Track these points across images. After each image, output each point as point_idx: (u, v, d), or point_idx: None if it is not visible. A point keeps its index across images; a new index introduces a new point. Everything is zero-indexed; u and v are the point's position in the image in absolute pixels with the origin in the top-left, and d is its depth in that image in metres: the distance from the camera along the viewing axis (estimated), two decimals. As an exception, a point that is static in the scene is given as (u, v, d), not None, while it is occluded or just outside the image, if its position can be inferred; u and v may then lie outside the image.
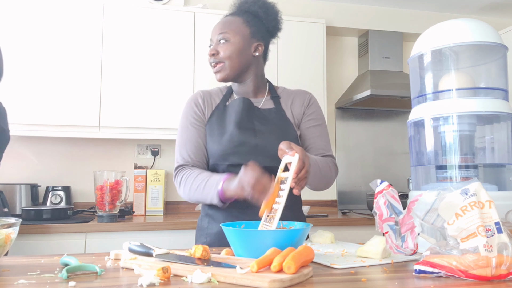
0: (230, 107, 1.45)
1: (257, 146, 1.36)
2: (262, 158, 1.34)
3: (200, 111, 1.46)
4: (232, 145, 1.36)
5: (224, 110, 1.45)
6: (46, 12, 2.66)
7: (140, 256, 0.95)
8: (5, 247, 0.94)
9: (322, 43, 3.08)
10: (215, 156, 1.39)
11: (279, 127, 1.42)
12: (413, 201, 0.95)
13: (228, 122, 1.41)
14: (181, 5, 3.08)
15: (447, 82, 1.31)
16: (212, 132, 1.42)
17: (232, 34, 1.41)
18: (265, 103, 1.47)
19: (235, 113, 1.41)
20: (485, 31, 1.28)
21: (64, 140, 2.96)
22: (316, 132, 1.47)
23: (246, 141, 1.37)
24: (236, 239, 0.98)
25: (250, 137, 1.37)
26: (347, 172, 3.43)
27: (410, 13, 3.54)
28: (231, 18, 1.45)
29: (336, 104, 3.44)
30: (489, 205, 0.87)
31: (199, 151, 1.42)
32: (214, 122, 1.43)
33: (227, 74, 1.42)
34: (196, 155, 1.42)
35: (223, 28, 1.43)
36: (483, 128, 1.34)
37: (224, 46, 1.41)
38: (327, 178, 1.40)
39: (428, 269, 0.86)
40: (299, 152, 1.09)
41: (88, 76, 2.68)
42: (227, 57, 1.41)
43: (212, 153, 1.40)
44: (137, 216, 2.73)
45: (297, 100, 1.50)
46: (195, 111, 1.46)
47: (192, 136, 1.43)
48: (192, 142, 1.42)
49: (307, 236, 1.30)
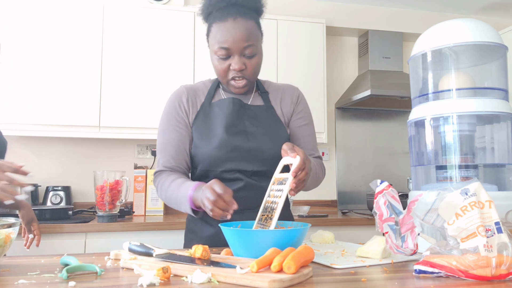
0: (217, 107, 1.38)
1: (250, 150, 1.33)
2: (255, 162, 1.32)
3: (183, 112, 1.38)
4: (223, 150, 1.31)
5: (210, 110, 1.38)
6: (46, 12, 2.66)
7: (140, 256, 0.95)
8: (5, 247, 0.94)
9: (322, 43, 3.08)
10: (206, 162, 1.33)
11: (270, 128, 1.38)
12: (413, 201, 0.95)
13: (216, 124, 1.35)
14: (181, 5, 3.08)
15: (447, 82, 1.31)
16: (200, 135, 1.35)
17: (257, 46, 1.31)
18: (254, 100, 1.43)
19: (225, 115, 1.35)
20: (485, 31, 1.28)
21: (64, 140, 2.96)
22: (306, 132, 1.45)
23: (239, 146, 1.32)
24: (236, 239, 0.98)
25: (242, 141, 1.33)
26: (347, 172, 3.43)
27: (410, 13, 3.54)
28: (247, 23, 1.29)
29: (336, 104, 3.44)
30: (489, 205, 0.87)
31: (180, 156, 1.36)
32: (201, 123, 1.36)
33: (247, 89, 1.35)
34: (176, 160, 1.35)
35: (248, 39, 1.28)
36: (483, 128, 1.34)
37: (253, 61, 1.31)
38: (318, 179, 1.40)
39: (428, 269, 0.86)
40: (301, 154, 1.08)
41: (88, 76, 2.68)
42: (255, 73, 1.34)
43: (202, 158, 1.34)
44: (137, 216, 2.73)
45: (286, 96, 1.46)
46: (178, 112, 1.38)
47: (173, 139, 1.36)
48: (173, 146, 1.36)
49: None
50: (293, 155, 1.07)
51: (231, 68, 1.30)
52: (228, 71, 1.31)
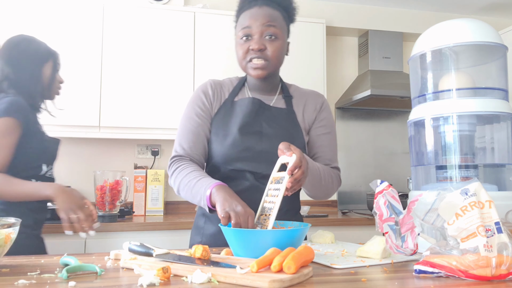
0: (238, 105, 1.37)
1: (261, 152, 1.31)
2: (265, 164, 1.27)
3: (208, 102, 1.39)
4: (235, 150, 1.31)
5: (231, 107, 1.38)
6: (46, 12, 2.65)
7: (140, 256, 0.95)
8: (5, 247, 0.94)
9: (322, 43, 3.08)
10: (218, 158, 1.34)
11: (287, 131, 1.35)
12: (413, 201, 0.95)
13: (233, 122, 1.34)
14: (181, 5, 3.08)
15: (447, 82, 1.31)
16: (217, 131, 1.35)
17: (280, 31, 1.31)
18: (277, 102, 1.41)
19: (242, 114, 1.35)
20: (485, 31, 1.28)
21: (64, 140, 2.95)
22: (326, 141, 1.41)
23: (251, 146, 1.31)
24: (235, 239, 0.98)
25: (255, 141, 1.32)
26: (347, 172, 3.43)
27: (410, 13, 3.54)
28: (272, 11, 1.31)
29: (336, 104, 3.44)
30: (489, 205, 0.87)
31: (199, 144, 1.36)
32: (220, 119, 1.36)
33: (268, 74, 1.32)
34: (196, 148, 1.35)
35: (271, 20, 1.29)
36: (483, 128, 1.34)
37: (274, 43, 1.30)
38: (327, 188, 1.34)
39: (428, 269, 0.86)
40: (297, 153, 1.06)
41: (88, 76, 2.68)
42: (275, 57, 1.31)
43: (214, 153, 1.35)
44: (137, 216, 2.73)
45: (310, 103, 1.43)
46: (203, 101, 1.38)
47: (196, 127, 1.36)
48: (194, 134, 1.35)
49: (305, 237, 1.29)
50: (289, 153, 1.06)
51: (250, 48, 1.29)
52: (247, 52, 1.30)
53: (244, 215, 1.06)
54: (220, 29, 2.87)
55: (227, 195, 1.13)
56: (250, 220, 1.06)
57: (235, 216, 1.05)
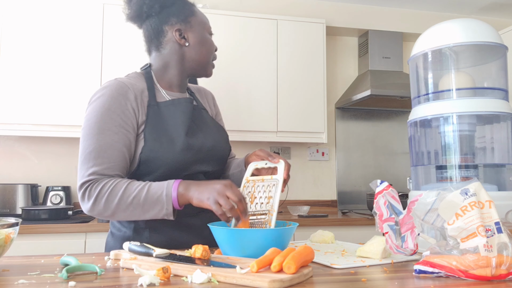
0: (169, 107, 1.24)
1: (209, 150, 1.28)
2: (213, 162, 1.30)
3: (131, 111, 1.18)
4: (189, 153, 1.21)
5: (159, 111, 1.22)
6: (46, 12, 2.65)
7: (140, 256, 0.95)
8: (5, 247, 0.94)
9: (322, 43, 3.08)
10: (170, 166, 1.18)
11: (216, 128, 1.37)
12: (413, 201, 0.95)
13: (173, 125, 1.21)
14: (181, 5, 3.08)
15: (447, 82, 1.31)
16: (157, 138, 1.18)
17: None
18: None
19: (182, 115, 1.24)
20: (485, 31, 1.28)
21: (64, 140, 2.96)
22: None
23: (201, 147, 1.25)
24: (227, 239, 0.98)
25: (202, 141, 1.26)
26: (347, 172, 3.43)
27: (410, 13, 3.54)
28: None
29: (336, 104, 3.44)
30: (489, 205, 0.87)
31: (122, 163, 1.15)
32: (154, 126, 1.20)
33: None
34: (118, 167, 1.14)
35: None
36: (483, 128, 1.34)
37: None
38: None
39: (428, 269, 0.86)
40: (282, 159, 1.15)
41: (88, 75, 2.68)
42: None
43: (163, 163, 1.17)
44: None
45: (208, 98, 1.47)
46: (124, 111, 1.17)
47: (117, 142, 1.14)
48: (116, 150, 1.14)
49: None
50: (276, 160, 1.14)
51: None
52: (215, 51, 1.36)
53: (236, 197, 1.03)
54: (220, 29, 2.87)
55: (199, 186, 1.08)
56: (244, 202, 1.05)
57: (226, 203, 1.03)
